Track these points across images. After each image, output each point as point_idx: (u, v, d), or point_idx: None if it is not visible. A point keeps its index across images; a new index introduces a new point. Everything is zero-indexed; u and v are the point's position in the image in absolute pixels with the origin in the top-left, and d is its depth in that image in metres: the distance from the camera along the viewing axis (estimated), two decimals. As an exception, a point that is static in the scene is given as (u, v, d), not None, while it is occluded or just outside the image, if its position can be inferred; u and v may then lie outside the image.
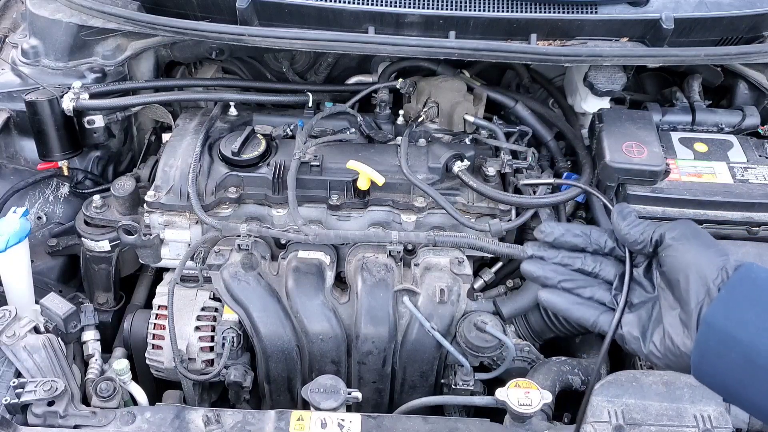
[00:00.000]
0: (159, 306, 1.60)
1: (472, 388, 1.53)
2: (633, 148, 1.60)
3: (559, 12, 1.61)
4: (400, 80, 1.80)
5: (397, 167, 1.61)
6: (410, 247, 1.59)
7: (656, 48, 1.64)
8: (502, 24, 1.61)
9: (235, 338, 1.51)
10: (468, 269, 1.57)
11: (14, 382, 1.27)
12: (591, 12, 1.62)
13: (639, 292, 0.97)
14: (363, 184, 1.59)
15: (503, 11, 1.60)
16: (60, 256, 1.77)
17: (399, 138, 1.75)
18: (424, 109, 1.79)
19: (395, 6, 1.59)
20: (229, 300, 1.51)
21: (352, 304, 1.53)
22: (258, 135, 1.69)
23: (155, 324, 1.58)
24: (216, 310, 1.59)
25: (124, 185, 1.64)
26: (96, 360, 1.48)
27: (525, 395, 1.27)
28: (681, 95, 1.90)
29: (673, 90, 1.93)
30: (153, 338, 1.58)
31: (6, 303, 1.46)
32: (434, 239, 1.55)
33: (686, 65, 1.92)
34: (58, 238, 1.75)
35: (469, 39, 1.61)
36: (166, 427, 1.26)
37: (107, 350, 1.60)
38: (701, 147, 1.70)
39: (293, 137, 1.70)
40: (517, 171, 1.69)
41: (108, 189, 1.67)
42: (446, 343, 1.49)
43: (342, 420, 1.26)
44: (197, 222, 1.61)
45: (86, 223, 1.66)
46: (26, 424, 1.25)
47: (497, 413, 1.34)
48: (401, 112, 1.82)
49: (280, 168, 1.61)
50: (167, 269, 1.73)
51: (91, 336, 1.53)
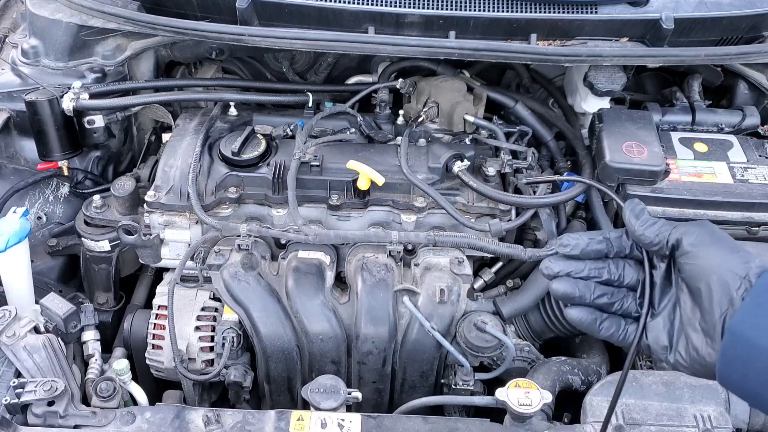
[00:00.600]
0: (159, 306, 1.60)
1: (472, 388, 1.53)
2: (633, 148, 1.60)
3: (559, 12, 1.61)
4: (400, 80, 1.80)
5: (397, 167, 1.61)
6: (410, 247, 1.59)
7: (656, 48, 1.64)
8: (502, 24, 1.61)
9: (235, 338, 1.51)
10: (468, 269, 1.57)
11: (14, 382, 1.27)
12: (591, 12, 1.62)
13: (661, 296, 0.95)
14: (363, 184, 1.59)
15: (503, 11, 1.60)
16: (60, 256, 1.77)
17: (399, 138, 1.75)
18: (424, 109, 1.79)
19: (395, 6, 1.59)
20: (229, 300, 1.51)
21: (352, 304, 1.53)
22: (258, 135, 1.69)
23: (155, 324, 1.58)
24: (216, 310, 1.59)
25: (124, 185, 1.64)
26: (96, 360, 1.48)
27: (525, 395, 1.27)
28: (681, 95, 1.90)
29: (673, 90, 1.93)
30: (153, 338, 1.58)
31: (6, 303, 1.46)
32: (434, 239, 1.55)
33: (686, 65, 1.92)
34: (58, 238, 1.75)
35: (469, 39, 1.61)
36: (166, 427, 1.26)
37: (107, 350, 1.60)
38: (701, 147, 1.70)
39: (293, 137, 1.70)
40: (517, 171, 1.69)
41: (108, 189, 1.67)
42: (446, 343, 1.49)
43: (342, 420, 1.26)
44: (197, 222, 1.61)
45: (86, 223, 1.66)
46: (26, 424, 1.25)
47: (497, 413, 1.34)
48: (401, 112, 1.82)
49: (280, 168, 1.61)
50: (167, 269, 1.73)
51: (91, 336, 1.53)
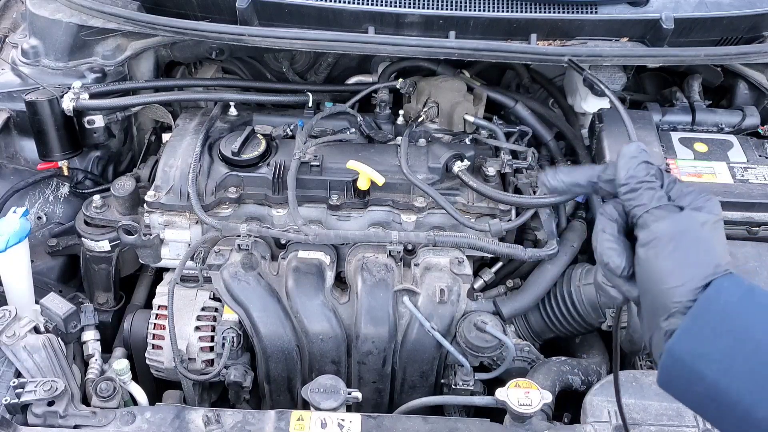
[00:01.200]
0: (159, 306, 1.60)
1: (472, 388, 1.53)
2: (633, 148, 1.60)
3: (559, 12, 1.61)
4: (400, 80, 1.80)
5: (397, 167, 1.61)
6: (410, 247, 1.59)
7: (656, 48, 1.64)
8: (502, 24, 1.61)
9: (235, 338, 1.51)
10: (468, 269, 1.57)
11: (14, 382, 1.27)
12: (591, 12, 1.62)
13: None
14: (363, 184, 1.59)
15: (503, 11, 1.60)
16: (60, 256, 1.77)
17: (399, 138, 1.75)
18: (424, 109, 1.79)
19: (395, 6, 1.59)
20: (229, 300, 1.51)
21: (352, 304, 1.53)
22: (258, 135, 1.69)
23: (155, 324, 1.58)
24: (216, 310, 1.59)
25: (124, 185, 1.64)
26: (96, 360, 1.48)
27: (525, 395, 1.27)
28: (681, 95, 1.90)
29: (673, 90, 1.93)
30: (153, 338, 1.58)
31: (6, 303, 1.46)
32: (434, 239, 1.55)
33: (686, 65, 1.92)
34: (58, 238, 1.75)
35: (469, 39, 1.61)
36: (166, 427, 1.26)
37: (107, 350, 1.60)
38: (701, 147, 1.70)
39: (293, 137, 1.70)
40: (517, 171, 1.69)
41: (108, 189, 1.67)
42: (446, 343, 1.49)
43: (342, 420, 1.26)
44: (197, 222, 1.61)
45: (86, 223, 1.65)
46: (26, 424, 1.25)
47: (497, 413, 1.34)
48: (401, 112, 1.82)
49: (280, 168, 1.61)
50: (167, 269, 1.73)
51: (91, 336, 1.53)
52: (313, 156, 1.63)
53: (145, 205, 1.61)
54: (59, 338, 1.40)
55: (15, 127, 1.78)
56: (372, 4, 1.59)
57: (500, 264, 1.71)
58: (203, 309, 1.59)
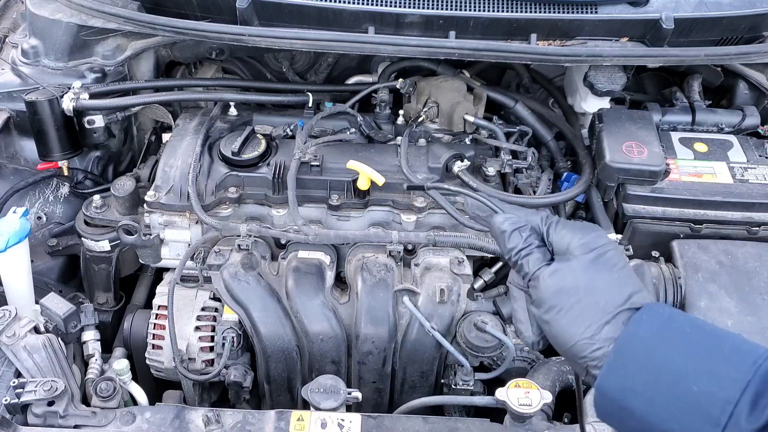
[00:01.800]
0: (159, 306, 1.60)
1: (472, 388, 1.53)
2: (633, 148, 1.60)
3: (559, 12, 1.61)
4: (400, 80, 1.80)
5: (397, 167, 1.61)
6: (410, 247, 1.59)
7: (656, 48, 1.64)
8: (502, 24, 1.61)
9: (235, 338, 1.51)
10: (468, 269, 1.57)
11: (14, 382, 1.27)
12: (591, 12, 1.62)
13: None
14: (363, 184, 1.59)
15: (503, 11, 1.60)
16: (60, 256, 1.77)
17: (399, 138, 1.75)
18: (424, 109, 1.79)
19: (395, 6, 1.59)
20: (229, 300, 1.51)
21: (352, 304, 1.53)
22: (258, 135, 1.69)
23: (155, 324, 1.58)
24: (216, 310, 1.59)
25: (124, 185, 1.64)
26: (96, 360, 1.48)
27: (525, 395, 1.27)
28: (681, 95, 1.90)
29: (673, 90, 1.92)
30: (153, 338, 1.57)
31: (6, 303, 1.46)
32: (434, 239, 1.55)
33: (686, 65, 1.92)
34: (58, 238, 1.75)
35: (469, 39, 1.61)
36: (166, 427, 1.26)
37: (107, 350, 1.59)
38: (701, 147, 1.70)
39: (293, 137, 1.70)
40: (517, 171, 1.69)
41: (108, 189, 1.67)
42: (446, 343, 1.49)
43: (342, 420, 1.26)
44: (197, 222, 1.61)
45: (86, 223, 1.65)
46: (26, 424, 1.25)
47: (497, 413, 1.34)
48: (401, 112, 1.82)
49: (280, 168, 1.61)
50: (167, 269, 1.73)
51: (91, 336, 1.53)
52: (313, 156, 1.63)
53: (145, 205, 1.61)
54: (59, 338, 1.40)
55: (15, 127, 1.78)
56: (372, 4, 1.59)
57: (500, 264, 1.70)
58: (203, 309, 1.59)
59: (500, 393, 1.28)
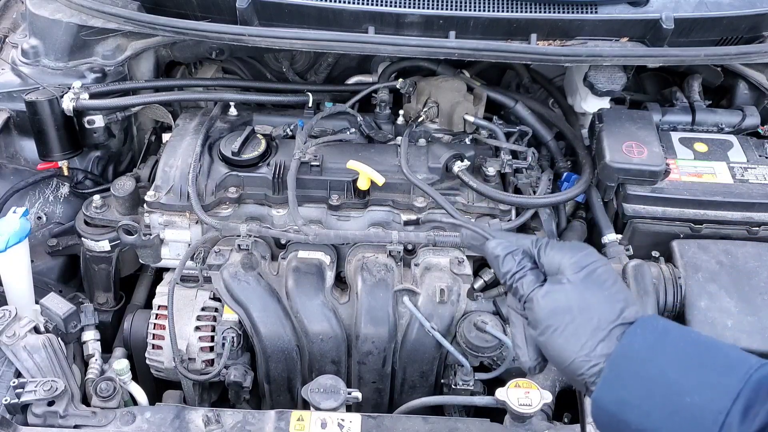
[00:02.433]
0: (159, 306, 1.60)
1: (472, 388, 1.53)
2: (633, 148, 1.60)
3: (559, 12, 1.61)
4: (400, 80, 1.80)
5: (397, 167, 1.61)
6: (410, 247, 1.59)
7: (656, 48, 1.64)
8: (502, 24, 1.61)
9: (235, 338, 1.51)
10: (468, 269, 1.57)
11: (14, 382, 1.27)
12: (591, 12, 1.62)
13: None
14: (363, 184, 1.59)
15: (503, 11, 1.60)
16: (60, 256, 1.77)
17: (399, 138, 1.75)
18: (424, 109, 1.79)
19: (395, 6, 1.59)
20: (229, 300, 1.51)
21: (352, 304, 1.53)
22: (258, 135, 1.69)
23: (155, 324, 1.58)
24: (216, 310, 1.59)
25: (124, 185, 1.64)
26: (96, 360, 1.48)
27: (525, 395, 1.27)
28: (681, 95, 1.89)
29: (673, 90, 1.92)
30: (153, 338, 1.57)
31: (6, 303, 1.46)
32: (434, 239, 1.55)
33: (686, 65, 1.92)
34: (58, 238, 1.75)
35: (469, 39, 1.61)
36: (166, 427, 1.26)
37: (107, 350, 1.59)
38: (701, 147, 1.70)
39: (293, 137, 1.70)
40: (517, 171, 1.69)
41: (108, 189, 1.67)
42: (446, 343, 1.49)
43: (342, 420, 1.26)
44: (197, 222, 1.61)
45: (86, 223, 1.65)
46: (26, 424, 1.25)
47: (497, 413, 1.34)
48: (401, 112, 1.82)
49: (280, 168, 1.61)
50: (167, 269, 1.73)
51: (91, 336, 1.53)
52: (313, 156, 1.63)
53: (145, 205, 1.61)
54: (59, 338, 1.40)
55: (15, 127, 1.78)
56: (372, 4, 1.59)
57: (500, 264, 1.70)
58: (203, 309, 1.59)
59: (500, 393, 1.28)
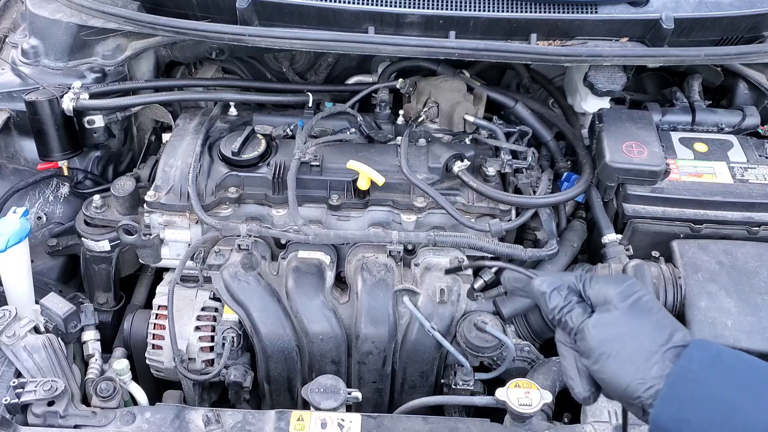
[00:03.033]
0: (159, 306, 1.60)
1: (472, 388, 1.53)
2: (633, 148, 1.60)
3: (559, 12, 1.61)
4: (400, 80, 1.80)
5: (397, 167, 1.61)
6: (410, 247, 1.59)
7: (656, 48, 1.64)
8: (502, 24, 1.61)
9: (235, 338, 1.51)
10: (468, 269, 1.56)
11: (14, 382, 1.27)
12: (591, 12, 1.61)
13: None
14: (363, 184, 1.59)
15: (503, 11, 1.60)
16: (60, 256, 1.77)
17: (399, 138, 1.75)
18: (424, 109, 1.79)
19: (395, 6, 1.59)
20: (229, 300, 1.51)
21: (352, 304, 1.53)
22: (258, 135, 1.69)
23: (155, 324, 1.58)
24: (216, 310, 1.59)
25: (124, 185, 1.64)
26: (96, 360, 1.48)
27: (525, 395, 1.27)
28: (681, 95, 1.89)
29: (673, 90, 1.92)
30: (153, 338, 1.58)
31: (6, 303, 1.46)
32: (434, 239, 1.55)
33: (686, 65, 1.92)
34: (58, 238, 1.75)
35: (469, 39, 1.61)
36: (166, 427, 1.26)
37: (107, 350, 1.60)
38: (701, 147, 1.70)
39: (293, 137, 1.70)
40: (517, 171, 1.69)
41: (108, 189, 1.67)
42: (446, 343, 1.49)
43: (342, 420, 1.26)
44: (197, 222, 1.61)
45: (86, 223, 1.66)
46: (26, 424, 1.25)
47: (497, 413, 1.34)
48: (401, 112, 1.82)
49: (280, 168, 1.61)
50: (167, 269, 1.73)
51: (91, 336, 1.53)
52: (313, 156, 1.63)
53: (145, 205, 1.61)
54: (59, 338, 1.40)
55: (15, 127, 1.78)
56: (372, 4, 1.59)
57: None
58: (203, 309, 1.59)
59: (500, 393, 1.28)
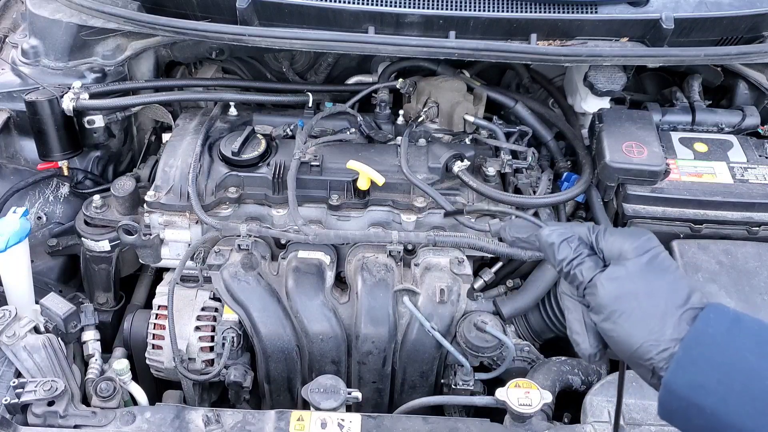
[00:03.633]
0: (159, 306, 1.60)
1: (472, 388, 1.53)
2: (633, 148, 1.60)
3: (559, 12, 1.61)
4: (400, 80, 1.80)
5: (397, 167, 1.61)
6: (410, 247, 1.59)
7: (656, 48, 1.64)
8: (502, 24, 1.61)
9: (235, 338, 1.51)
10: (468, 269, 1.57)
11: (14, 382, 1.27)
12: (591, 12, 1.62)
13: None
14: (363, 184, 1.59)
15: (503, 11, 1.60)
16: (60, 256, 1.77)
17: (399, 138, 1.75)
18: (424, 109, 1.79)
19: (395, 6, 1.59)
20: (229, 300, 1.51)
21: (352, 304, 1.53)
22: (258, 135, 1.69)
23: (155, 324, 1.58)
24: (216, 310, 1.59)
25: (124, 185, 1.64)
26: (96, 360, 1.48)
27: (525, 395, 1.27)
28: (681, 95, 1.90)
29: (673, 90, 1.92)
30: (153, 338, 1.58)
31: (6, 303, 1.46)
32: (434, 239, 1.55)
33: (686, 65, 1.92)
34: (58, 238, 1.75)
35: (469, 39, 1.61)
36: (166, 427, 1.26)
37: (107, 350, 1.60)
38: (701, 147, 1.70)
39: (293, 137, 1.70)
40: (517, 171, 1.69)
41: (108, 189, 1.67)
42: (446, 343, 1.49)
43: (342, 420, 1.26)
44: (197, 222, 1.61)
45: (86, 223, 1.66)
46: (26, 424, 1.25)
47: (497, 413, 1.34)
48: (401, 112, 1.82)
49: (280, 168, 1.61)
50: (167, 269, 1.73)
51: (91, 336, 1.53)
52: (313, 156, 1.63)
53: (145, 205, 1.61)
54: (59, 338, 1.40)
55: (15, 127, 1.78)
56: (372, 4, 1.59)
57: (500, 264, 1.71)
58: (203, 309, 1.59)
59: (500, 393, 1.28)
